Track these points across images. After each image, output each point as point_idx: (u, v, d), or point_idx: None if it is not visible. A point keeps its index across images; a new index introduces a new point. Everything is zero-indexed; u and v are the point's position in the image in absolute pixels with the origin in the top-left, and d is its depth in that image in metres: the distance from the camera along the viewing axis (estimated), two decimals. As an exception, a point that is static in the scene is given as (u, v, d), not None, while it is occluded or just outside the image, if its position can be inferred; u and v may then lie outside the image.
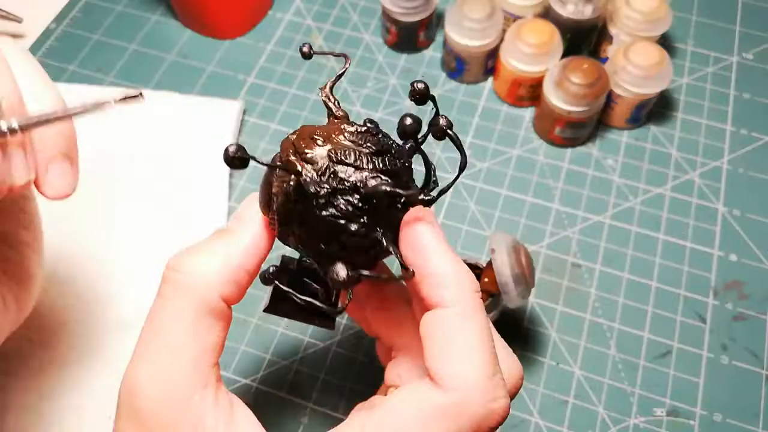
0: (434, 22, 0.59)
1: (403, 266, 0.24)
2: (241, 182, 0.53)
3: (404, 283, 0.25)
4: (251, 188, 0.52)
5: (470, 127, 0.56)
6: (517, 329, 0.46)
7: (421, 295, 0.25)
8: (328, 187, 0.24)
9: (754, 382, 0.44)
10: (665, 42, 0.60)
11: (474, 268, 0.43)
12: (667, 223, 0.51)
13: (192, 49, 0.61)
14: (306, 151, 0.24)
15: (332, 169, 0.24)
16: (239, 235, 0.26)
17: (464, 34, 0.54)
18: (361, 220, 0.24)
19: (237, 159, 0.22)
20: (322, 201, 0.24)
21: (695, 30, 0.62)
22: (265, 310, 0.31)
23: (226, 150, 0.22)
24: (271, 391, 0.44)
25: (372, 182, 0.24)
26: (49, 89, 0.26)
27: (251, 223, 0.26)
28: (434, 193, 0.25)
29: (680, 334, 0.46)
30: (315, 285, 0.31)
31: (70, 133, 0.27)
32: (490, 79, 0.58)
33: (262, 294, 0.47)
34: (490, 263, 0.41)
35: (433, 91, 0.57)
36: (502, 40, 0.55)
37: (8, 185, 0.24)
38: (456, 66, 0.57)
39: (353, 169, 0.24)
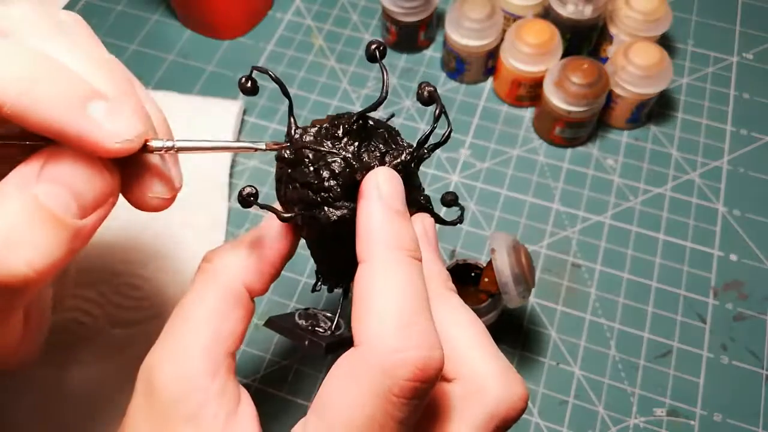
0: (434, 22, 0.59)
1: (352, 169, 0.26)
2: (241, 182, 0.53)
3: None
4: (251, 188, 0.52)
5: (470, 127, 0.56)
6: (517, 329, 0.46)
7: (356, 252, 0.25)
8: (318, 127, 0.27)
9: (754, 382, 0.44)
10: (665, 42, 0.60)
11: (474, 268, 0.43)
12: (667, 223, 0.51)
13: (192, 49, 0.61)
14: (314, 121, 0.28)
15: (328, 124, 0.27)
16: (264, 230, 0.28)
17: (464, 34, 0.54)
18: (343, 140, 0.26)
19: (249, 88, 0.26)
20: (313, 131, 0.27)
21: (695, 30, 0.62)
22: (264, 324, 0.32)
23: (239, 82, 0.26)
24: (271, 391, 0.44)
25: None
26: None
27: (276, 221, 0.28)
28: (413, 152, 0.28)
29: (680, 334, 0.46)
30: (324, 320, 0.32)
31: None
32: (490, 79, 0.58)
33: (266, 295, 0.47)
34: (490, 263, 0.41)
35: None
36: (502, 40, 0.55)
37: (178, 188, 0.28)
38: (456, 66, 0.57)
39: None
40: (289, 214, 0.26)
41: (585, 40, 0.56)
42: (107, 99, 0.23)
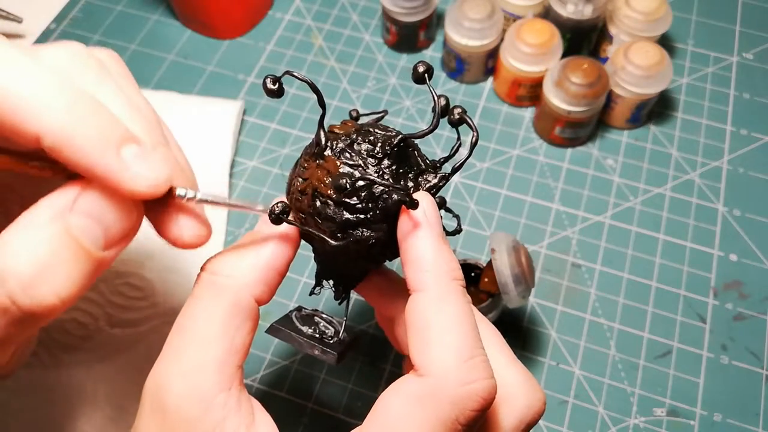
0: (434, 22, 0.59)
1: (408, 204, 0.25)
2: (241, 182, 0.53)
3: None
4: (251, 188, 0.52)
5: (470, 127, 0.56)
6: (517, 329, 0.46)
7: (407, 279, 0.26)
8: (347, 138, 0.26)
9: (754, 382, 0.44)
10: (665, 42, 0.60)
11: (474, 268, 0.43)
12: (667, 223, 0.51)
13: (192, 49, 0.61)
14: (335, 128, 0.27)
15: (354, 135, 0.26)
16: (267, 237, 0.28)
17: (464, 34, 0.54)
18: (374, 166, 0.26)
19: (275, 90, 0.25)
20: (339, 146, 0.26)
21: (695, 30, 0.62)
22: (266, 331, 0.31)
23: (264, 83, 0.25)
24: (271, 391, 0.44)
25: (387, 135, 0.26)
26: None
27: (277, 227, 0.28)
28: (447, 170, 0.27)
29: (680, 334, 0.46)
30: (325, 324, 0.32)
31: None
32: (490, 79, 0.58)
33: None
34: (490, 263, 0.41)
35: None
36: (502, 40, 0.55)
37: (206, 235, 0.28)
38: (456, 66, 0.57)
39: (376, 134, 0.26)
40: (339, 242, 0.26)
41: (585, 40, 0.56)
42: (140, 144, 0.24)
